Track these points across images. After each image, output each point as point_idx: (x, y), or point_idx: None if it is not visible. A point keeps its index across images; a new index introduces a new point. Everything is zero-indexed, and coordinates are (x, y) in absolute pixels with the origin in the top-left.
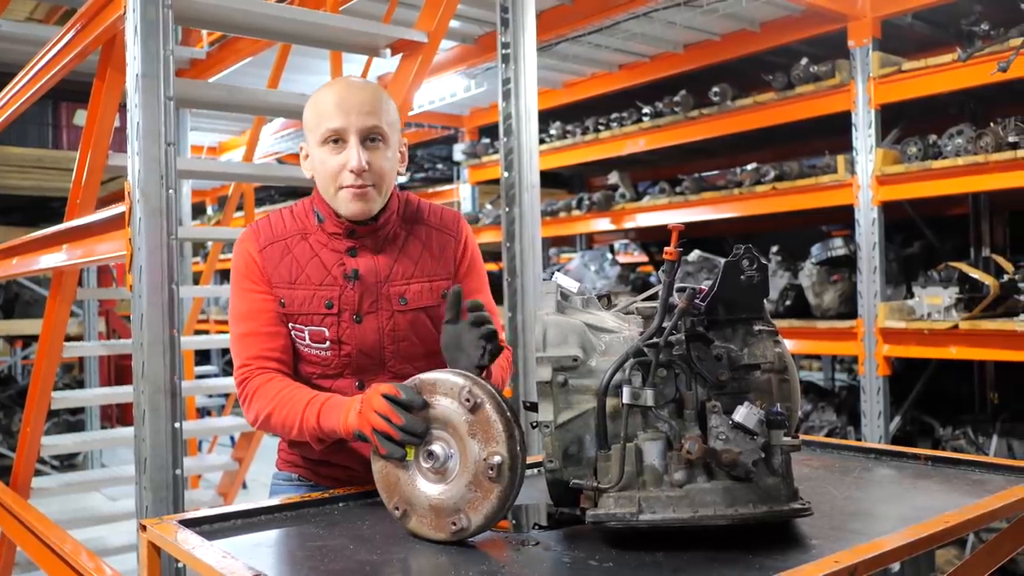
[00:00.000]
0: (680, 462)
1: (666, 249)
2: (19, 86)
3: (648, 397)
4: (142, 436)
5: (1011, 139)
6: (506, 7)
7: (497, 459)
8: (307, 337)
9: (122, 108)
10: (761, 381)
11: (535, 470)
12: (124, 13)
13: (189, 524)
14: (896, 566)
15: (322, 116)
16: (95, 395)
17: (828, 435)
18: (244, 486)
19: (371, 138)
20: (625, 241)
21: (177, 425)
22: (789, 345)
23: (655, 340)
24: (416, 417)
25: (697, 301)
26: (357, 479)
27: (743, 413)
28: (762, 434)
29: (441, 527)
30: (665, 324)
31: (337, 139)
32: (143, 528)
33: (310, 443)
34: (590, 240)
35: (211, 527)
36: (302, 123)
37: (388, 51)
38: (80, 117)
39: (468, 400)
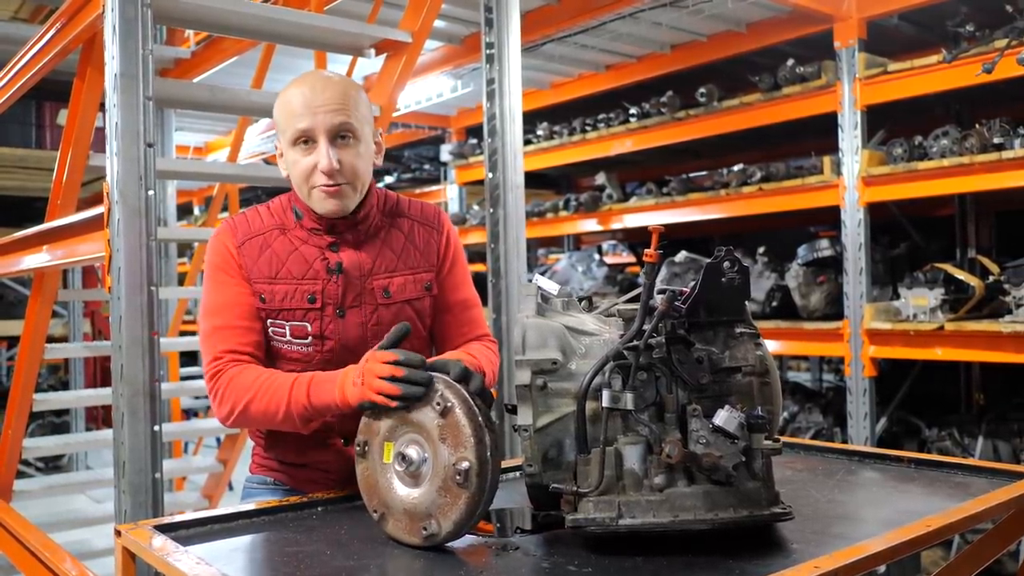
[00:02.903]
0: (660, 466)
1: (646, 251)
2: (0, 85)
3: (628, 400)
4: (121, 439)
5: (996, 140)
6: (490, 7)
7: (465, 465)
8: (288, 333)
9: (104, 108)
10: (742, 384)
11: (516, 473)
12: (103, 12)
13: (165, 529)
14: (882, 567)
15: (290, 116)
16: (77, 397)
17: (814, 436)
18: (230, 487)
19: (341, 135)
20: (613, 242)
21: (156, 428)
22: (775, 346)
23: (635, 343)
24: (418, 370)
25: (678, 303)
26: (334, 482)
27: (723, 417)
28: (743, 438)
29: (414, 531)
30: (645, 327)
31: (307, 139)
32: (118, 533)
33: (297, 427)
34: (578, 241)
35: (187, 532)
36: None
37: (372, 51)
38: (64, 117)
39: (439, 404)
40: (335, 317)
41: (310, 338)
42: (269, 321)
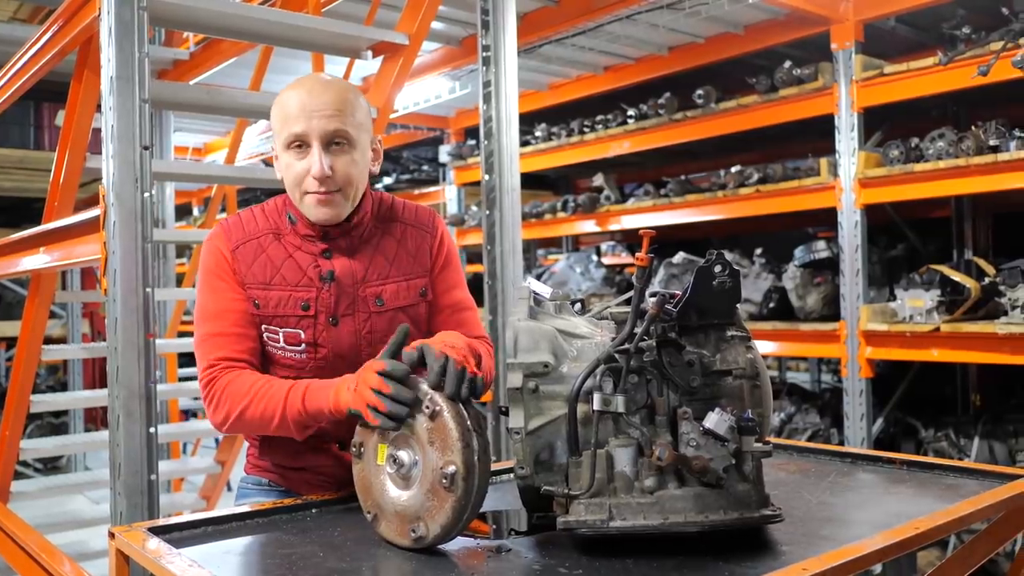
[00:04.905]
0: (651, 468)
1: (637, 255)
2: None
3: (619, 403)
4: (116, 441)
5: (992, 142)
6: (487, 10)
7: (451, 468)
8: (281, 339)
9: (101, 110)
10: (733, 387)
11: (510, 475)
12: (99, 14)
13: (158, 531)
14: (877, 567)
15: (285, 120)
16: (74, 398)
17: (811, 437)
18: (228, 488)
19: (336, 142)
20: (611, 243)
21: (152, 430)
22: (773, 347)
23: (626, 346)
24: (405, 388)
25: (669, 307)
26: (329, 485)
27: (714, 420)
28: (733, 440)
29: (403, 533)
30: (636, 330)
31: (301, 144)
32: (112, 536)
33: (292, 433)
34: (576, 242)
35: (181, 534)
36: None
37: (370, 53)
38: (61, 118)
39: (428, 407)
40: (328, 325)
41: (303, 345)
42: (263, 327)
